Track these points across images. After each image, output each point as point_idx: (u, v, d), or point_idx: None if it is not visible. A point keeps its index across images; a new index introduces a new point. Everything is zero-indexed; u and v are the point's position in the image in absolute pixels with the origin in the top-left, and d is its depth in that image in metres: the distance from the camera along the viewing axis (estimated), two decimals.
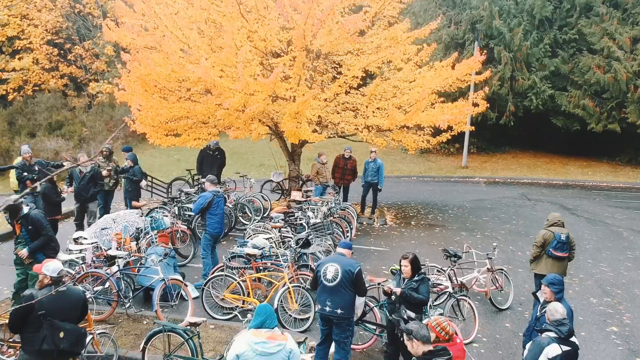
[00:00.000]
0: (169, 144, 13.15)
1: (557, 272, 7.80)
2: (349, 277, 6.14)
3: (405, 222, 14.22)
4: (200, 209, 8.79)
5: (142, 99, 12.89)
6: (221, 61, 12.28)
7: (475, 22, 26.74)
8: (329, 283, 6.15)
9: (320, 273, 6.26)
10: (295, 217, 10.49)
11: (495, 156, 28.91)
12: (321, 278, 6.23)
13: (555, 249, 8.00)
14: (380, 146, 14.43)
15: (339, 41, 12.70)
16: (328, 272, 6.18)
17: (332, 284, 6.13)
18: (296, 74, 12.76)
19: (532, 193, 20.63)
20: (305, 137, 12.52)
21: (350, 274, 6.15)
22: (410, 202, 18.07)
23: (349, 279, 6.14)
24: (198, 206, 8.80)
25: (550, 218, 8.29)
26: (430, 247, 11.79)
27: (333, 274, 6.14)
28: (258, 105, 11.71)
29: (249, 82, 11.73)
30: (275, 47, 13.88)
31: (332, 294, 6.14)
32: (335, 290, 6.13)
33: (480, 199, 18.91)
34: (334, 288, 6.13)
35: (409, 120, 13.55)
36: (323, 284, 6.21)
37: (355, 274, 6.17)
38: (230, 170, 29.67)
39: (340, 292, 6.12)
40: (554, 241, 7.97)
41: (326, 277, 6.18)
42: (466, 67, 14.89)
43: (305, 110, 12.31)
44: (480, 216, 15.45)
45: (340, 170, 13.92)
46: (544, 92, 25.92)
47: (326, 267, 6.25)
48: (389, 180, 24.07)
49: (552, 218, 8.25)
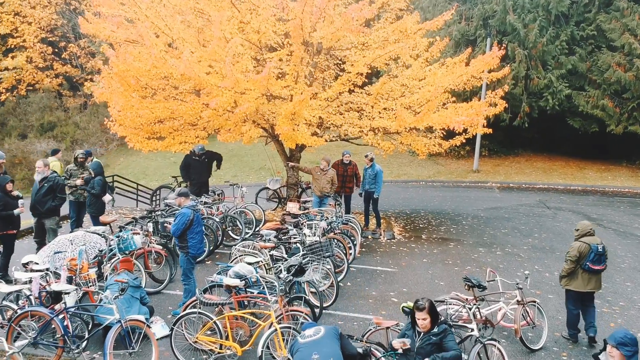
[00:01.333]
0: (151, 149, 11.76)
1: (594, 288, 7.34)
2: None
3: (415, 236, 12.77)
4: (181, 230, 7.36)
5: (122, 98, 11.51)
6: (209, 55, 10.90)
7: (488, 17, 25.28)
8: None
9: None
10: (289, 234, 9.08)
11: (508, 159, 27.40)
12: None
13: (593, 262, 7.16)
14: (388, 150, 13.01)
15: (341, 32, 11.30)
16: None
17: None
18: (293, 70, 11.37)
19: (550, 200, 19.14)
20: (303, 141, 11.11)
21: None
22: (419, 211, 16.63)
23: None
24: (179, 227, 7.37)
25: (580, 227, 7.43)
26: (445, 266, 10.34)
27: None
28: (249, 105, 10.31)
29: (239, 79, 10.35)
30: (270, 40, 12.49)
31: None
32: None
33: (495, 207, 17.44)
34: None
35: (420, 122, 12.11)
36: None
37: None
38: (228, 174, 28.36)
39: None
40: (591, 253, 7.15)
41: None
42: (482, 63, 13.45)
43: (303, 111, 10.92)
44: (498, 228, 13.98)
45: (340, 178, 12.50)
46: (561, 92, 24.42)
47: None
48: (395, 185, 22.70)
49: (583, 227, 7.41)
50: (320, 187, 12.11)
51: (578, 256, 7.20)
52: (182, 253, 7.46)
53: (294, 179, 14.58)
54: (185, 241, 7.43)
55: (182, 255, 7.48)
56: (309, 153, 22.24)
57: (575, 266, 7.28)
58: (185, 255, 7.43)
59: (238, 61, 11.10)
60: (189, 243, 7.43)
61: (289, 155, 14.38)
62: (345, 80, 11.87)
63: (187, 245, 7.44)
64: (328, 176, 12.03)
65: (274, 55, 11.54)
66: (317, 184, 12.12)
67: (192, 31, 11.67)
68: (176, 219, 7.40)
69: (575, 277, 7.31)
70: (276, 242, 8.73)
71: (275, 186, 14.30)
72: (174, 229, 7.42)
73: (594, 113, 24.34)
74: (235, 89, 10.75)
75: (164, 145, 11.87)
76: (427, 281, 9.44)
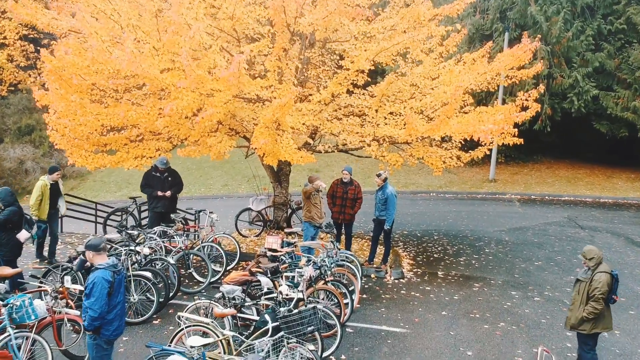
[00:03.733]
0: (98, 165, 9.37)
1: (610, 323, 6.32)
2: None
3: (429, 272, 10.29)
4: (100, 313, 4.86)
5: (62, 102, 9.14)
6: (166, 47, 8.51)
7: (506, 9, 22.77)
8: None
9: None
10: (260, 287, 6.64)
11: (527, 167, 24.86)
12: None
13: (616, 293, 6.21)
14: (395, 165, 10.57)
15: (336, 18, 8.88)
16: None
17: None
18: (275, 65, 8.94)
19: (580, 216, 16.64)
20: (287, 157, 8.67)
21: None
22: (432, 232, 14.17)
23: None
24: (100, 307, 4.84)
25: (595, 255, 6.27)
26: (472, 323, 7.87)
27: None
28: (214, 111, 7.90)
29: (203, 78, 7.96)
30: (249, 29, 10.09)
31: None
32: None
33: (519, 226, 14.96)
34: None
35: (435, 131, 9.67)
36: None
37: None
38: (218, 183, 25.88)
39: None
40: (616, 283, 6.15)
41: None
42: (511, 58, 11.01)
43: (286, 117, 8.50)
44: (529, 258, 11.50)
45: (338, 201, 10.02)
46: (587, 93, 21.91)
47: None
48: (403, 197, 20.16)
49: (597, 254, 6.28)
50: (320, 213, 9.70)
51: (609, 291, 6.11)
52: (90, 336, 5.01)
53: (282, 198, 12.17)
54: None
55: (89, 338, 5.03)
56: (299, 167, 20.10)
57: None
58: (94, 339, 4.98)
59: (206, 55, 8.70)
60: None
61: (277, 170, 11.98)
62: (343, 79, 9.47)
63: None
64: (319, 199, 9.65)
65: (253, 47, 9.13)
66: (316, 210, 9.68)
67: (149, 17, 9.25)
68: (90, 291, 4.91)
69: (603, 315, 6.16)
70: (241, 301, 6.29)
71: (260, 207, 11.87)
72: (91, 317, 4.86)
73: (623, 116, 21.84)
74: (199, 89, 8.36)
75: (114, 160, 9.47)
76: (449, 349, 6.98)
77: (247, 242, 11.38)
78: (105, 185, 24.88)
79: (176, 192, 10.22)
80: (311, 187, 9.73)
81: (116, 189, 24.12)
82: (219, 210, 19.24)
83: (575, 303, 6.35)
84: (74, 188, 25.73)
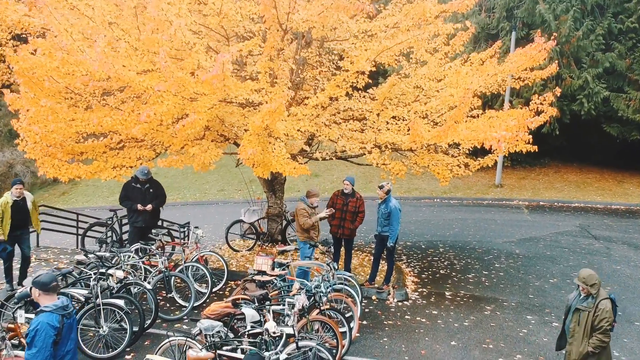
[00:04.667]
0: (72, 176, 8.52)
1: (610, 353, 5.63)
2: None
3: (436, 292, 9.41)
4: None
5: (32, 106, 8.31)
6: (146, 46, 7.69)
7: (512, 7, 21.90)
8: None
9: None
10: (243, 320, 5.80)
11: (535, 171, 23.99)
12: None
13: (615, 319, 5.55)
14: (398, 174, 9.73)
15: (332, 13, 8.04)
16: None
17: None
18: (266, 66, 8.10)
19: (593, 225, 15.79)
20: (279, 169, 7.82)
21: None
22: (437, 243, 13.32)
23: None
24: (43, 357, 4.01)
25: (594, 280, 5.43)
26: (486, 355, 7.01)
27: None
28: (196, 118, 7.06)
29: (183, 80, 7.12)
30: (240, 28, 9.26)
31: None
32: None
33: (530, 237, 14.10)
34: None
35: (442, 138, 8.80)
36: None
37: None
38: (214, 187, 25.03)
39: None
40: (615, 307, 5.51)
41: None
42: (525, 58, 10.13)
43: (278, 123, 7.66)
44: (543, 274, 10.64)
45: (337, 214, 9.15)
46: (598, 94, 21.04)
47: None
48: (406, 203, 19.24)
49: (596, 279, 5.45)
50: (317, 231, 8.81)
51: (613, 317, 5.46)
52: None
53: (277, 209, 11.32)
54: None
55: None
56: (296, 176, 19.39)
57: None
58: None
59: (190, 55, 7.87)
60: None
61: (271, 179, 11.14)
62: (341, 82, 8.62)
63: None
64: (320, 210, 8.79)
65: (242, 46, 8.29)
66: (313, 229, 8.75)
67: (128, 12, 8.41)
68: (32, 340, 4.05)
69: (606, 347, 5.45)
70: (222, 339, 5.45)
71: (253, 218, 11.02)
72: None
73: (635, 118, 21.01)
74: (182, 93, 7.53)
75: (90, 171, 8.61)
76: None
77: (238, 258, 10.54)
78: (98, 190, 24.10)
79: (158, 205, 9.34)
80: (305, 209, 8.72)
81: (108, 193, 23.30)
82: (213, 218, 18.55)
83: (575, 335, 5.56)
84: (65, 193, 24.97)
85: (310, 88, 10.96)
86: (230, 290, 8.71)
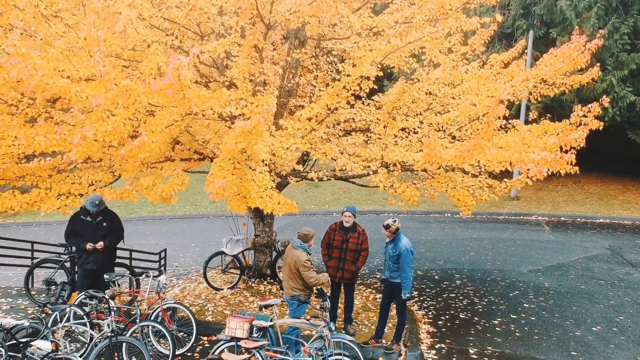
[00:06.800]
0: (3, 209, 6.80)
1: None
2: None
3: (457, 351, 7.61)
4: None
5: None
6: (88, 45, 5.97)
7: (530, 4, 20.14)
8: None
9: None
10: None
11: (553, 181, 22.19)
12: None
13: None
14: (411, 200, 8.02)
15: (326, 3, 6.31)
16: None
17: None
18: (245, 70, 6.39)
19: (625, 247, 14.03)
20: (259, 204, 6.05)
21: None
22: (452, 273, 11.58)
23: None
24: None
25: None
26: None
27: None
28: (149, 139, 5.33)
29: (130, 89, 5.41)
30: (216, 24, 7.55)
31: None
32: None
33: (557, 263, 12.34)
34: None
35: (466, 159, 7.05)
36: None
37: None
38: (201, 205, 23.28)
39: None
40: None
41: None
42: (564, 59, 8.41)
43: (258, 144, 5.90)
44: (582, 319, 8.88)
45: (335, 253, 7.40)
46: (624, 99, 19.24)
47: None
48: (413, 219, 17.53)
49: None
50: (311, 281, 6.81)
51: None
52: None
53: (266, 238, 9.60)
54: None
55: None
56: (294, 187, 17.80)
57: None
58: None
59: (146, 56, 6.15)
60: None
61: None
62: (340, 89, 6.90)
63: None
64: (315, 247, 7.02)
65: (217, 45, 6.58)
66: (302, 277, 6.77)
67: (73, 4, 6.70)
68: None
69: None
70: None
71: (236, 250, 9.28)
72: None
73: None
74: (134, 106, 5.82)
75: (27, 200, 6.90)
76: None
77: (217, 300, 8.76)
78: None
79: (113, 243, 7.59)
80: (310, 260, 6.56)
81: None
82: (201, 234, 16.79)
83: None
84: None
85: (305, 95, 9.25)
86: (201, 351, 6.97)
